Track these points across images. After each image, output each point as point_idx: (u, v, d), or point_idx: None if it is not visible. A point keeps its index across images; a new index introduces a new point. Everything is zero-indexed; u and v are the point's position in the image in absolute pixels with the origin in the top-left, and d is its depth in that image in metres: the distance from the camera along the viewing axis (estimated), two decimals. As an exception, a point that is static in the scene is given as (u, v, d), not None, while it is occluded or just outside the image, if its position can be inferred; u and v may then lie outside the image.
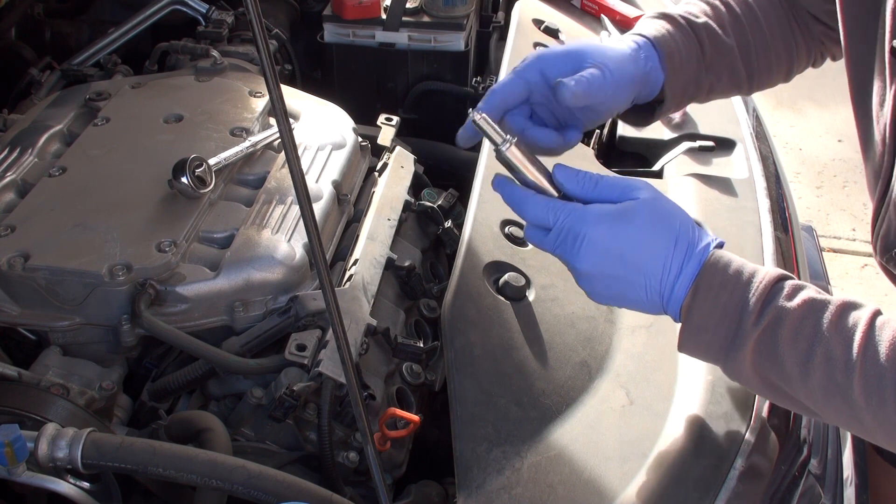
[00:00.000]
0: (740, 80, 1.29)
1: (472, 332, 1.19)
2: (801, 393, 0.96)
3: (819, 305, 0.95)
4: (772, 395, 1.03)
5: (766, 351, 0.96)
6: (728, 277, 0.98)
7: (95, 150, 1.44)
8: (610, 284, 1.02)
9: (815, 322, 0.94)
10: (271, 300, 1.26)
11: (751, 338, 0.96)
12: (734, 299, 0.97)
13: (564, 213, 1.02)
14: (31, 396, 1.06)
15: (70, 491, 0.99)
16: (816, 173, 4.15)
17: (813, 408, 0.97)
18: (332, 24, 1.96)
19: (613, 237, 1.00)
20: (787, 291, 0.97)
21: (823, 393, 0.93)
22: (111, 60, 1.83)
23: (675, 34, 1.21)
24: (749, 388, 1.04)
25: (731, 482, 1.05)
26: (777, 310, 0.95)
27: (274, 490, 0.95)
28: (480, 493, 1.01)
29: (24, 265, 1.20)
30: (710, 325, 0.98)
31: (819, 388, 0.93)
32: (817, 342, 0.93)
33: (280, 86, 0.84)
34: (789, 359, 0.94)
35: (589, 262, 1.01)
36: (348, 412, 1.18)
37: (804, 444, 1.26)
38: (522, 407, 1.12)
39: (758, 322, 0.96)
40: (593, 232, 1.00)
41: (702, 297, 0.98)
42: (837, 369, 0.92)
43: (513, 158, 1.05)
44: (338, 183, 1.44)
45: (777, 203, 1.54)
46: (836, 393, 0.93)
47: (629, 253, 1.00)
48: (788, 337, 0.94)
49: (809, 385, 0.94)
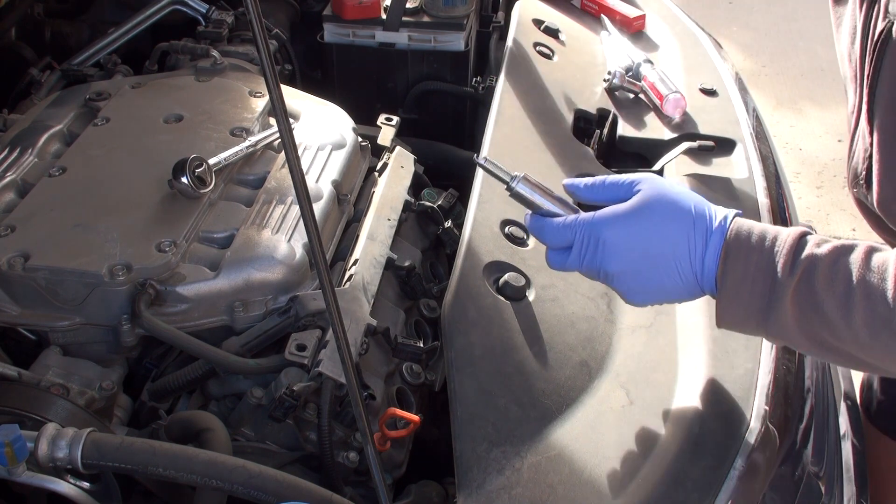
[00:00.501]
0: None
1: (472, 332, 1.19)
2: (846, 337, 0.97)
3: (847, 249, 0.98)
4: (818, 350, 1.03)
5: (805, 301, 0.98)
6: (755, 240, 1.01)
7: (95, 150, 1.44)
8: (644, 279, 1.05)
9: (847, 263, 0.97)
10: (271, 300, 1.26)
11: (788, 290, 0.98)
12: (764, 258, 1.00)
13: (581, 224, 1.06)
14: (31, 396, 1.06)
15: (70, 491, 0.99)
16: (816, 173, 4.14)
17: (860, 354, 0.98)
18: (332, 24, 1.96)
19: (633, 232, 1.03)
20: (813, 242, 1.00)
21: (869, 330, 0.95)
22: (111, 60, 1.83)
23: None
24: (794, 346, 1.07)
25: (731, 482, 1.05)
26: (808, 259, 0.98)
27: (274, 490, 0.95)
28: (480, 493, 1.01)
29: (24, 265, 1.20)
30: (746, 288, 1.00)
31: (864, 325, 0.95)
32: (853, 281, 0.96)
33: (280, 86, 0.84)
34: (829, 303, 0.96)
35: (617, 262, 1.04)
36: (348, 412, 1.18)
37: (804, 444, 1.26)
38: (522, 407, 1.12)
39: (791, 273, 0.98)
40: (612, 233, 1.04)
41: (732, 262, 1.01)
42: (878, 302, 0.94)
43: (524, 193, 1.12)
44: (338, 183, 1.44)
45: (777, 203, 1.54)
46: (882, 326, 0.95)
47: (652, 243, 1.03)
48: (824, 282, 0.97)
49: (853, 325, 0.96)
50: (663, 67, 1.79)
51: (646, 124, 1.69)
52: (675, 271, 1.03)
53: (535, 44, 1.85)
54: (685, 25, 2.08)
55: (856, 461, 1.52)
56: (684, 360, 1.21)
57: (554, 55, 1.85)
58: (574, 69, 1.84)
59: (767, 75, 4.79)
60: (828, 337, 0.98)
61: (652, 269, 1.04)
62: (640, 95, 1.76)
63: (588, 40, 1.99)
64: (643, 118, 1.71)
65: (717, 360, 1.20)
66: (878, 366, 1.01)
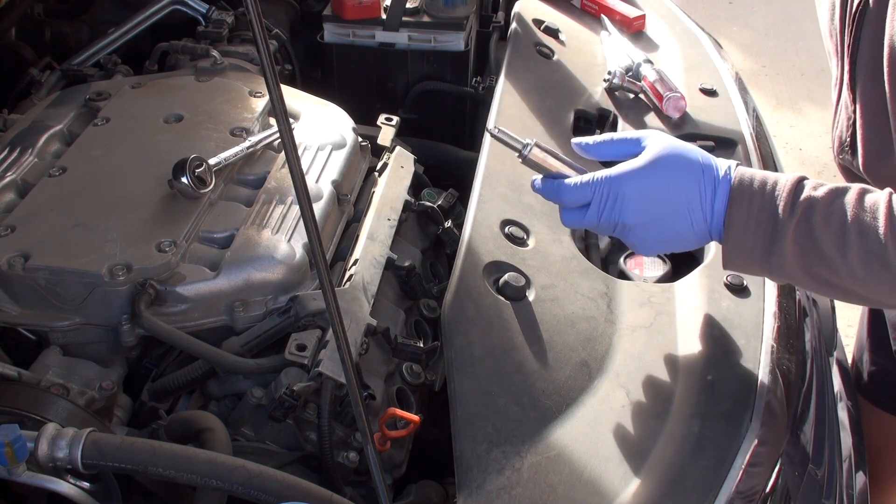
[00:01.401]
0: None
1: (472, 332, 1.19)
2: (843, 272, 1.04)
3: (842, 191, 1.05)
4: (817, 285, 1.09)
5: (804, 239, 1.05)
6: (756, 186, 1.08)
7: (95, 150, 1.44)
8: (659, 227, 1.12)
9: (842, 204, 1.04)
10: (271, 300, 1.26)
11: (788, 230, 1.05)
12: (766, 201, 1.07)
13: (599, 182, 1.11)
14: (31, 396, 1.06)
15: (70, 491, 0.99)
16: (816, 173, 4.14)
17: (856, 288, 1.05)
18: (332, 24, 1.96)
19: (650, 185, 1.10)
20: (811, 185, 1.07)
21: (863, 265, 1.02)
22: (111, 60, 1.83)
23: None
24: (794, 283, 1.14)
25: (731, 482, 1.05)
26: (806, 200, 1.05)
27: (274, 490, 0.95)
28: (480, 493, 1.01)
29: (24, 265, 1.20)
30: (750, 229, 1.07)
31: (858, 260, 1.02)
32: (848, 219, 1.03)
33: (280, 86, 0.84)
34: (826, 241, 1.03)
35: (635, 214, 1.10)
36: (348, 412, 1.18)
37: (804, 444, 1.26)
38: (522, 407, 1.12)
39: (791, 214, 1.05)
40: (629, 188, 1.10)
41: (737, 206, 1.08)
42: (871, 239, 1.01)
43: (536, 160, 1.17)
44: (338, 183, 1.44)
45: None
46: (875, 261, 1.02)
47: (667, 192, 1.10)
48: (822, 221, 1.04)
49: (849, 261, 1.03)
50: (663, 67, 1.79)
51: (646, 124, 1.69)
52: (688, 219, 1.10)
53: (535, 44, 1.85)
54: (685, 25, 2.08)
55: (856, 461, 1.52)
56: (684, 360, 1.21)
57: (554, 55, 1.85)
58: (574, 69, 1.84)
59: (767, 75, 4.79)
60: (826, 273, 1.05)
61: (667, 218, 1.10)
62: (640, 95, 1.76)
63: (588, 40, 1.99)
64: (643, 118, 1.71)
65: (717, 360, 1.20)
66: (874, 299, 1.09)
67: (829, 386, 1.52)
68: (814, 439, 1.31)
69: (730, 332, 1.24)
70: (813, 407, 1.34)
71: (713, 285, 1.31)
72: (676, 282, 1.35)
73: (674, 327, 1.27)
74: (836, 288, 1.08)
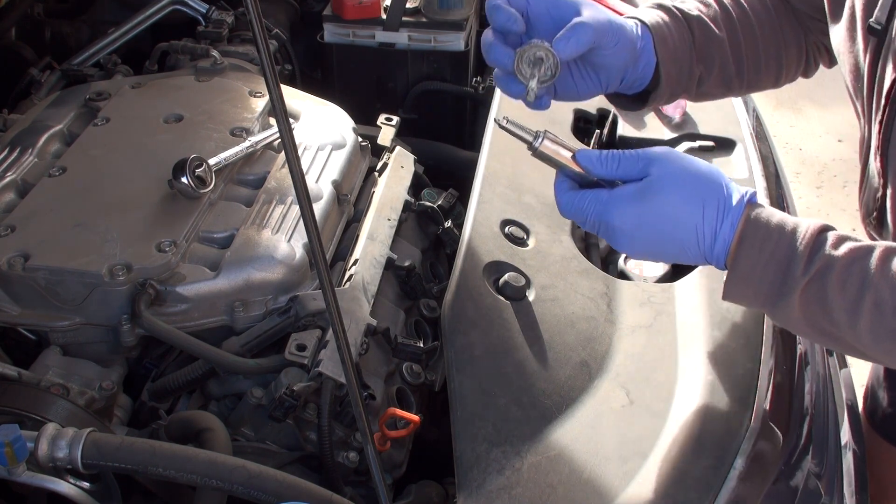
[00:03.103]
0: (729, 76, 1.30)
1: (472, 332, 1.19)
2: (849, 336, 0.99)
3: (864, 252, 0.98)
4: (819, 339, 1.06)
5: (815, 298, 0.99)
6: (772, 228, 1.01)
7: (95, 150, 1.44)
8: (651, 256, 1.09)
9: (862, 268, 0.97)
10: (271, 300, 1.26)
11: (799, 285, 0.99)
12: (781, 249, 1.00)
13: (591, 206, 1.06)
14: (31, 396, 1.06)
15: (70, 491, 0.99)
16: (816, 173, 4.14)
17: (861, 348, 1.00)
18: (332, 24, 1.96)
19: (638, 220, 1.03)
20: (832, 241, 1.00)
21: (872, 336, 0.97)
22: (111, 60, 1.83)
23: (669, 22, 1.23)
24: (795, 332, 1.09)
25: (731, 482, 1.05)
26: (825, 258, 0.98)
27: (274, 490, 0.95)
28: (480, 493, 1.01)
29: (24, 265, 1.20)
30: (757, 275, 1.01)
31: (868, 332, 0.97)
32: (865, 288, 0.96)
33: (280, 86, 0.84)
34: (838, 305, 0.97)
35: (626, 245, 1.06)
36: (348, 412, 1.18)
37: (805, 444, 1.26)
38: (522, 407, 1.12)
39: (806, 270, 0.99)
40: (619, 219, 1.04)
41: (747, 247, 1.01)
42: (886, 315, 0.95)
43: (547, 151, 1.09)
44: (338, 183, 1.44)
45: (777, 203, 1.54)
46: (887, 337, 0.96)
47: (658, 229, 1.03)
48: (837, 284, 0.97)
49: (858, 330, 0.97)
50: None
51: (646, 124, 1.69)
52: (682, 254, 1.05)
53: (535, 44, 1.85)
54: (685, 25, 2.08)
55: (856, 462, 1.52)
56: (684, 360, 1.21)
57: (554, 55, 1.85)
58: (574, 69, 1.84)
59: (767, 75, 4.78)
60: (831, 329, 1.01)
61: (659, 253, 1.06)
62: (640, 95, 1.75)
63: (588, 40, 1.99)
64: (643, 118, 1.71)
65: (717, 360, 1.20)
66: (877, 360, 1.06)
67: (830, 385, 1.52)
68: (814, 439, 1.31)
69: (730, 332, 1.24)
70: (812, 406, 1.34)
71: (713, 285, 1.31)
72: (676, 282, 1.35)
73: (674, 327, 1.27)
74: (838, 343, 1.02)
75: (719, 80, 1.30)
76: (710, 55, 1.27)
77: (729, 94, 1.38)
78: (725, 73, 1.30)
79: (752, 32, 1.30)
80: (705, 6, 1.29)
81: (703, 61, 1.27)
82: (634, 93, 1.26)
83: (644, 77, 1.23)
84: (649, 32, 1.21)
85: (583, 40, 1.10)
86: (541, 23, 1.14)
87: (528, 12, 1.15)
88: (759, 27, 1.31)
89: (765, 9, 1.32)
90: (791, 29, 1.33)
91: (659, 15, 1.24)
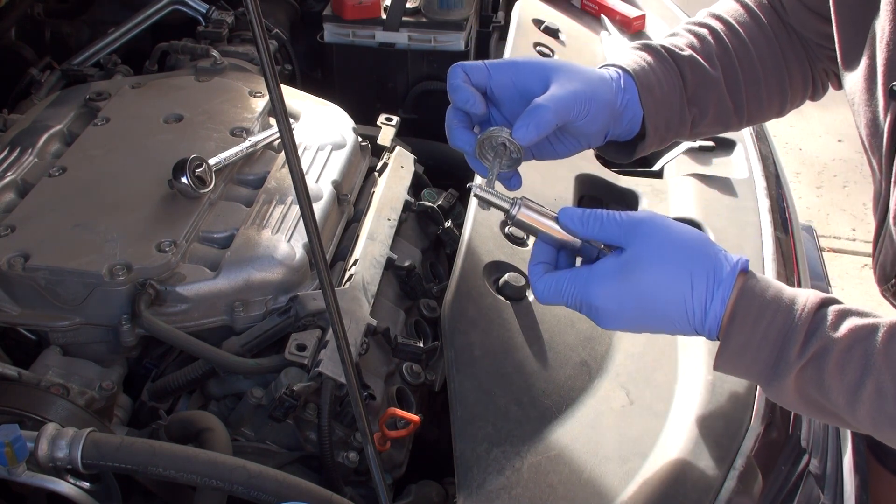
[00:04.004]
0: (726, 114, 1.23)
1: (472, 332, 1.19)
2: (848, 420, 0.94)
3: (865, 333, 0.91)
4: (818, 416, 1.00)
5: (812, 381, 0.93)
6: (766, 303, 0.95)
7: (95, 150, 1.44)
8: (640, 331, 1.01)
9: (863, 352, 0.90)
10: (271, 300, 1.26)
11: (794, 368, 0.93)
12: (775, 326, 0.94)
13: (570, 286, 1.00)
14: (31, 396, 1.06)
15: (70, 491, 0.99)
16: (816, 173, 4.14)
17: (861, 428, 0.95)
18: (332, 24, 1.96)
19: (622, 298, 0.97)
20: (831, 319, 0.93)
21: (873, 423, 0.92)
22: (111, 60, 1.83)
23: (656, 67, 1.16)
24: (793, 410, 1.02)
25: (731, 482, 1.05)
26: (822, 340, 0.92)
27: (274, 490, 0.95)
28: (480, 493, 1.01)
29: (24, 265, 1.20)
30: (750, 352, 0.95)
31: (868, 418, 0.91)
32: (866, 374, 0.90)
33: (280, 86, 0.84)
34: (836, 389, 0.91)
35: (611, 324, 1.00)
36: (348, 412, 1.18)
37: (804, 445, 1.26)
38: (522, 407, 1.12)
39: (802, 353, 0.92)
40: (602, 299, 0.97)
41: (740, 323, 0.95)
42: (889, 402, 0.89)
43: (525, 220, 1.02)
44: (338, 183, 1.44)
45: (777, 203, 1.54)
46: (888, 424, 0.91)
47: (643, 308, 0.97)
48: (835, 369, 0.91)
49: (857, 414, 0.92)
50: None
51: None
52: (671, 327, 0.99)
53: (535, 44, 1.85)
54: (685, 25, 2.08)
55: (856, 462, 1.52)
56: (684, 360, 1.21)
57: (554, 55, 1.85)
58: (574, 69, 1.84)
59: (767, 75, 4.78)
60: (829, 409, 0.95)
61: (647, 326, 0.99)
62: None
63: (588, 40, 1.99)
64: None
65: (717, 360, 1.20)
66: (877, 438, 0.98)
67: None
68: (815, 440, 1.31)
69: (730, 332, 1.24)
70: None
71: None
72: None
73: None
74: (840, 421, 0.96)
75: (715, 120, 1.23)
76: (704, 97, 1.20)
77: (728, 130, 1.31)
78: (722, 112, 1.22)
79: (751, 66, 1.23)
80: (699, 40, 1.21)
81: (697, 104, 1.20)
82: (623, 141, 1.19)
83: (630, 130, 1.16)
84: (633, 82, 1.13)
85: (542, 124, 1.03)
86: (506, 95, 1.08)
87: (492, 85, 1.09)
88: (760, 59, 1.24)
89: (765, 38, 1.24)
90: (795, 57, 1.26)
91: (645, 59, 1.16)
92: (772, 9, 1.27)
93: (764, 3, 1.27)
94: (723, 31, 1.24)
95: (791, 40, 1.26)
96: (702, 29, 1.24)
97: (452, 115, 1.10)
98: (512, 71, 1.09)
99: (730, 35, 1.24)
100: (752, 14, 1.26)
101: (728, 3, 1.28)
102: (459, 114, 1.10)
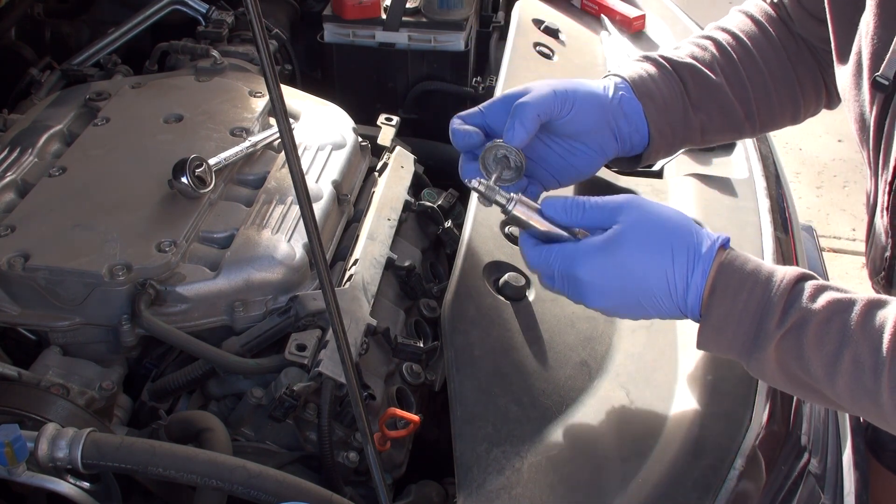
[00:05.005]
0: (737, 121, 1.25)
1: (472, 332, 1.19)
2: (827, 391, 0.95)
3: (844, 305, 0.94)
4: (797, 391, 1.02)
5: (791, 352, 0.95)
6: (745, 276, 0.97)
7: (95, 150, 1.44)
8: (625, 310, 1.04)
9: (841, 324, 0.92)
10: (271, 300, 1.26)
11: (774, 339, 0.95)
12: (754, 299, 0.96)
13: (557, 258, 1.03)
14: (31, 396, 1.06)
15: (70, 491, 0.99)
16: (816, 173, 4.15)
17: (839, 402, 0.96)
18: (332, 24, 1.96)
19: (607, 272, 1.00)
20: (809, 292, 0.95)
21: (851, 395, 0.93)
22: (111, 60, 1.83)
23: (654, 74, 1.19)
24: (773, 385, 1.04)
25: (731, 482, 1.05)
26: (801, 311, 0.94)
27: (274, 490, 0.95)
28: (480, 493, 1.01)
29: (24, 265, 1.20)
30: (730, 326, 0.98)
31: (846, 390, 0.93)
32: (844, 345, 0.92)
33: (280, 86, 0.84)
34: (815, 361, 0.93)
35: (596, 301, 1.03)
36: (348, 412, 1.18)
37: (804, 444, 1.26)
38: (522, 407, 1.12)
39: (781, 324, 0.95)
40: (586, 273, 1.01)
41: (719, 297, 0.98)
42: (866, 373, 0.91)
43: (520, 215, 1.07)
44: (338, 183, 1.44)
45: (777, 203, 1.54)
46: (865, 396, 0.92)
47: (627, 282, 1.00)
48: (813, 340, 0.93)
49: (836, 387, 0.93)
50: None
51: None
52: (655, 307, 1.02)
53: (535, 44, 1.85)
54: (685, 25, 2.08)
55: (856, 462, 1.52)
56: (684, 360, 1.21)
57: (554, 55, 1.85)
58: (574, 69, 1.84)
59: (767, 75, 4.78)
60: (808, 383, 0.96)
61: (631, 303, 1.02)
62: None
63: (588, 40, 1.99)
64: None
65: (717, 360, 1.20)
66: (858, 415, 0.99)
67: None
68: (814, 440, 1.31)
69: (730, 332, 1.24)
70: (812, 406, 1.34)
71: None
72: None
73: (674, 327, 1.26)
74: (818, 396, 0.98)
75: (725, 126, 1.25)
76: (708, 102, 1.22)
77: (741, 137, 1.32)
78: (731, 118, 1.24)
79: (758, 73, 1.25)
80: (701, 50, 1.24)
81: (703, 109, 1.21)
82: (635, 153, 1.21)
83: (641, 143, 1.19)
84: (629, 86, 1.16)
85: (526, 121, 1.07)
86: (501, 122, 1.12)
87: (487, 119, 1.15)
88: (767, 67, 1.25)
89: (772, 48, 1.26)
90: (804, 66, 1.27)
91: (643, 68, 1.19)
92: (780, 20, 1.28)
93: (772, 15, 1.29)
94: (727, 41, 1.26)
95: (800, 50, 1.27)
96: (705, 41, 1.26)
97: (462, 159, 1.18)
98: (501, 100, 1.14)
99: (734, 45, 1.25)
100: (759, 25, 1.28)
101: (736, 17, 1.30)
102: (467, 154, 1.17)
